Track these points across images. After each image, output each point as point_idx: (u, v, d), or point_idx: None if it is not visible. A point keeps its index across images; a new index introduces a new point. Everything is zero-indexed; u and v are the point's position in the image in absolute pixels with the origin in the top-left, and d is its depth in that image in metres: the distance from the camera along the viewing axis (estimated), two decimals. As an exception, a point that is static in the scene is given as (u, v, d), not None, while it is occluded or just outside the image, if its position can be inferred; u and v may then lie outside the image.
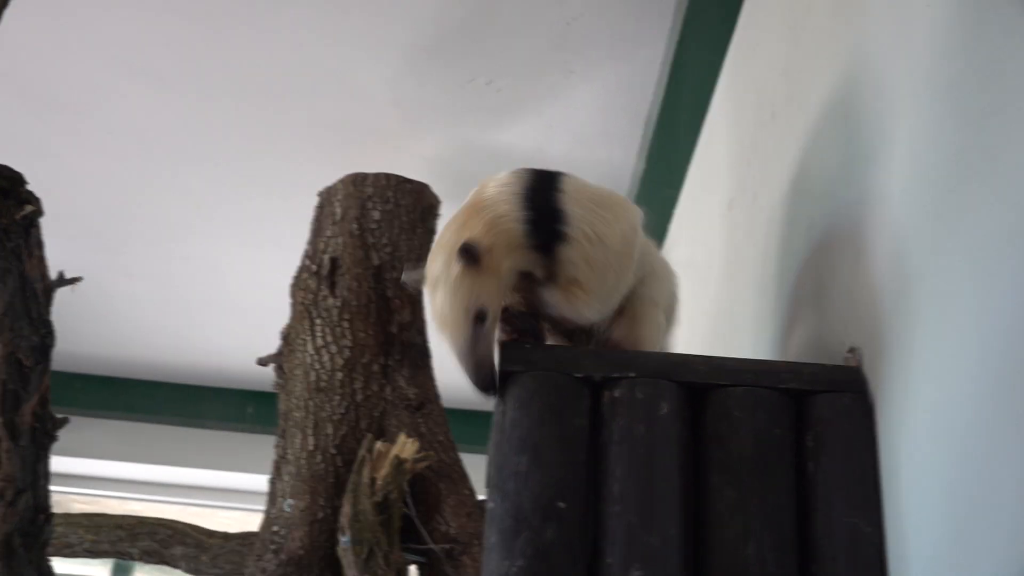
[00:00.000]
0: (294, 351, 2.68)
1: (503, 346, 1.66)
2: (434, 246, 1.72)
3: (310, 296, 2.72)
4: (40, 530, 1.40)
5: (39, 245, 1.47)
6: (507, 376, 1.61)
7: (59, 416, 1.49)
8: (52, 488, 3.89)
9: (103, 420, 5.11)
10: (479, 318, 1.61)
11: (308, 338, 2.64)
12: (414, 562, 2.60)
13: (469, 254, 1.60)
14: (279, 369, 2.76)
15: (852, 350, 1.66)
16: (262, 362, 2.84)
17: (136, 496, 5.21)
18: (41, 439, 1.43)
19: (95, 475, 5.11)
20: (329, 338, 2.64)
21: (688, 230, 3.31)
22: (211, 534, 3.30)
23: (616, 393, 1.59)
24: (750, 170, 2.51)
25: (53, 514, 1.44)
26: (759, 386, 1.60)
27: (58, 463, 4.98)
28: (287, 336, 2.75)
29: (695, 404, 1.60)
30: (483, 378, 1.61)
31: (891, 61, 1.65)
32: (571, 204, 1.67)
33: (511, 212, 1.65)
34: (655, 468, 1.53)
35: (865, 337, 1.63)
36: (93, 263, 4.40)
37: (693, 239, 3.21)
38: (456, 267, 1.60)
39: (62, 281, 1.56)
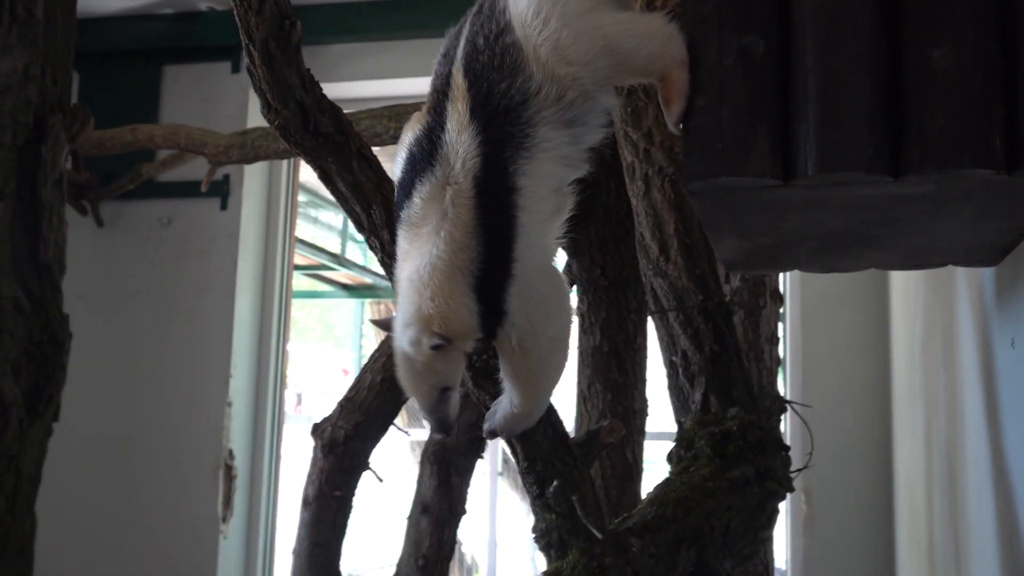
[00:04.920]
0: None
1: None
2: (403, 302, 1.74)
3: None
4: (289, 34, 1.62)
5: None
6: None
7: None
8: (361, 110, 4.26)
9: (395, 42, 5.46)
10: (444, 391, 1.80)
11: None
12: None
13: (441, 342, 1.71)
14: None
15: None
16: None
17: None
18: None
19: (394, 94, 5.52)
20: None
21: None
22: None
23: None
24: None
25: (297, 20, 1.65)
26: None
27: (360, 87, 5.44)
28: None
29: None
30: (442, 428, 1.86)
31: None
32: (517, 301, 1.68)
33: (472, 313, 1.69)
34: None
35: None
36: None
37: None
38: (425, 352, 1.72)
39: None
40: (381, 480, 2.99)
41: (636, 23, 1.63)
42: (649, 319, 2.76)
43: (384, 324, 1.83)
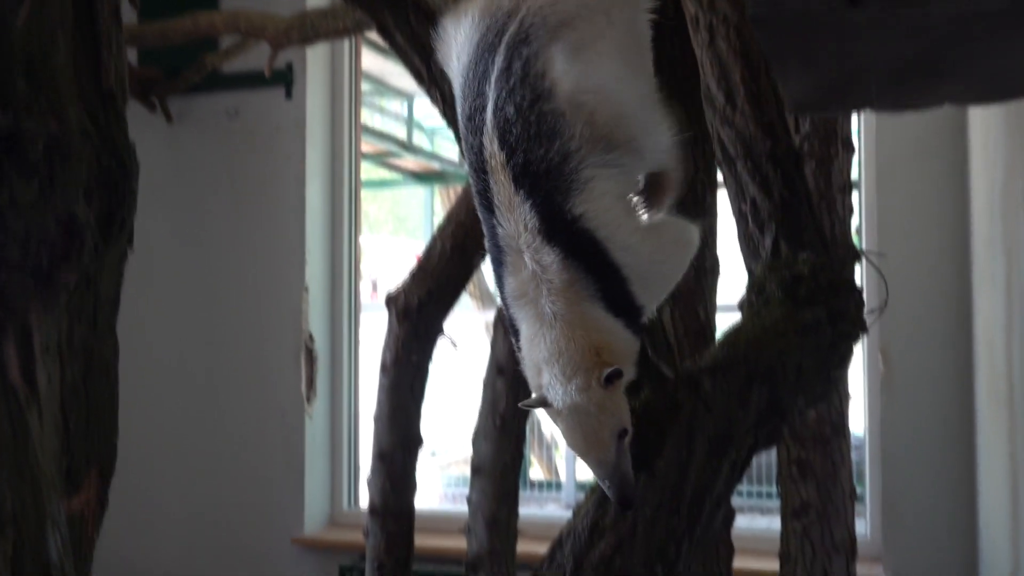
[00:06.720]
0: None
1: None
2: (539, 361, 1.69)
3: None
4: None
5: None
6: None
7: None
8: None
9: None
10: (621, 436, 1.64)
11: None
12: None
13: (614, 377, 1.63)
14: None
15: None
16: None
17: None
18: None
19: None
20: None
21: None
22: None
23: None
24: None
25: None
26: None
27: None
28: None
29: None
30: (627, 495, 1.64)
31: None
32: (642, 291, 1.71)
33: (618, 328, 1.67)
34: None
35: None
36: None
37: None
38: (597, 392, 1.62)
39: None
40: (456, 346, 3.05)
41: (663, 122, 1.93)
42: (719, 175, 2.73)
43: (536, 402, 1.75)
